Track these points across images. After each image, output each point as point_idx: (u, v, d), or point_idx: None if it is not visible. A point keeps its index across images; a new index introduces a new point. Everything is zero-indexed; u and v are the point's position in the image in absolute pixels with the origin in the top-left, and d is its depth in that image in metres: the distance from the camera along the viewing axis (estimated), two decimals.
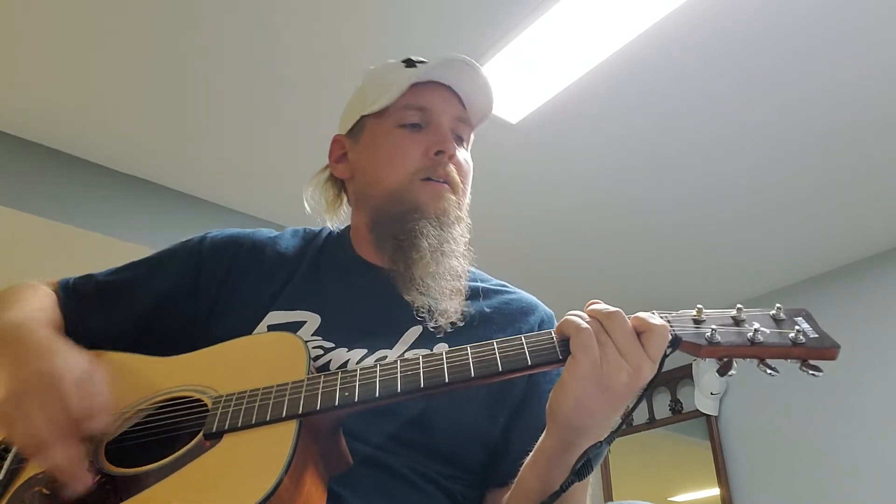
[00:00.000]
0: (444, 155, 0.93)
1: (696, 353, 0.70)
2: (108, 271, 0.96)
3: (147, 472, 0.66)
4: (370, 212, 0.95)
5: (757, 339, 0.69)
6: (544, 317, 0.97)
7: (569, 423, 0.69)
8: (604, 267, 3.28)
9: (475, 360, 0.69)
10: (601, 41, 2.08)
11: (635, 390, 0.67)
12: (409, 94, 0.94)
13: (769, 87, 2.23)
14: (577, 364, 0.66)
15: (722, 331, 0.69)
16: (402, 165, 0.93)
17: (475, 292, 0.95)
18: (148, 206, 2.73)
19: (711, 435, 3.44)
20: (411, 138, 0.94)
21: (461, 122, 0.98)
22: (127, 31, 2.08)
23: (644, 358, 0.67)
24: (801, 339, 0.69)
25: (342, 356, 0.83)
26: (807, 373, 0.69)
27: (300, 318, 0.87)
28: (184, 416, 0.73)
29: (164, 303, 0.91)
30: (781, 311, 0.72)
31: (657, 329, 0.68)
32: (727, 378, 0.73)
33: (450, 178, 0.94)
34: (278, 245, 0.97)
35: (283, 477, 0.61)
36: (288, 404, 0.68)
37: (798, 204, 2.79)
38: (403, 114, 0.95)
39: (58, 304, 0.90)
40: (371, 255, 0.96)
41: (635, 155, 2.56)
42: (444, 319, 0.87)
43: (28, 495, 0.68)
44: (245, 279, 0.92)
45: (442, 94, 0.97)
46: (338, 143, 1.03)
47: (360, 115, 0.98)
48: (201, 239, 0.97)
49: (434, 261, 0.89)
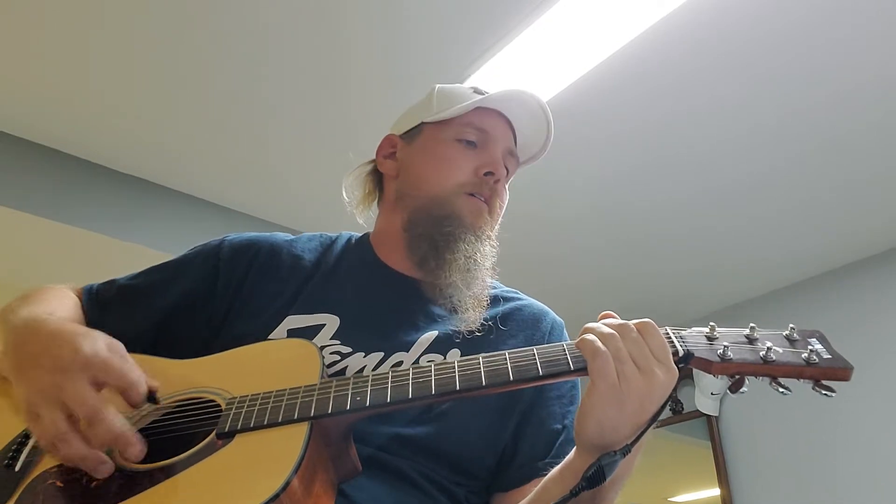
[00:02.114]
0: (492, 177, 0.97)
1: (708, 368, 0.70)
2: (130, 276, 0.98)
3: (159, 468, 0.67)
4: (410, 211, 0.97)
5: (770, 358, 0.69)
6: (554, 324, 0.98)
7: (595, 445, 0.69)
8: (604, 266, 3.28)
9: (486, 370, 0.70)
10: (601, 41, 2.08)
11: (655, 402, 0.68)
12: (472, 114, 0.99)
13: (770, 87, 2.23)
14: (595, 389, 0.67)
15: (734, 348, 0.70)
16: (451, 175, 0.96)
17: (490, 300, 0.96)
18: (148, 206, 2.73)
19: (712, 435, 3.44)
20: (466, 153, 0.98)
21: (511, 156, 1.03)
22: (127, 31, 2.08)
23: (654, 362, 0.67)
24: (815, 359, 0.69)
25: (358, 362, 0.85)
26: (819, 393, 0.69)
27: (319, 322, 0.89)
28: (198, 416, 0.74)
29: (183, 306, 0.93)
30: (795, 332, 0.73)
31: (648, 325, 0.70)
32: (738, 394, 0.73)
33: (491, 199, 0.98)
34: (295, 249, 0.99)
35: (293, 477, 0.62)
36: (300, 407, 0.69)
37: (798, 204, 2.79)
38: (463, 129, 0.98)
39: (78, 307, 0.92)
40: (394, 259, 0.98)
41: (635, 155, 2.56)
42: (465, 327, 0.89)
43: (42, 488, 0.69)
44: (262, 283, 0.94)
45: (502, 124, 1.01)
46: (389, 141, 1.06)
47: (422, 121, 1.02)
48: (219, 243, 0.99)
49: (466, 266, 0.91)
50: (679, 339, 0.72)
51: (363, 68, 2.21)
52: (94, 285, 0.97)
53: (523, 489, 0.83)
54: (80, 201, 2.58)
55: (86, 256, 2.70)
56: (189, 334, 0.92)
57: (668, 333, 0.73)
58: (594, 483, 0.66)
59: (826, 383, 0.69)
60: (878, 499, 2.81)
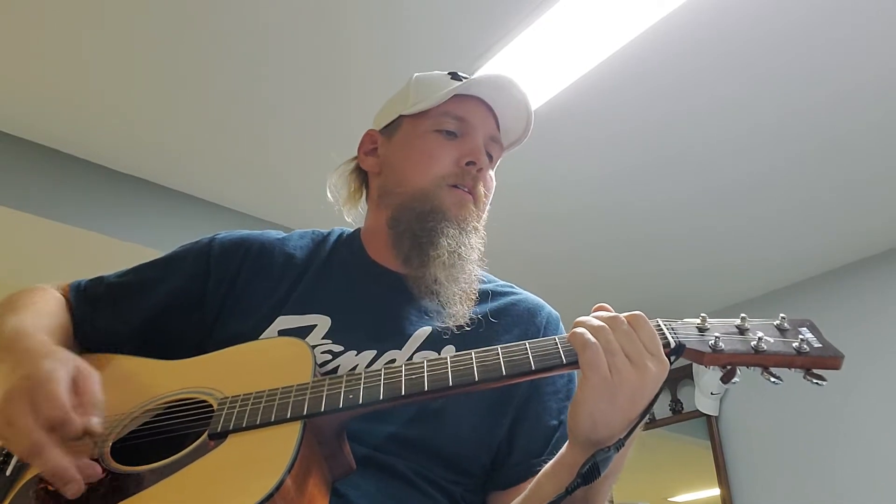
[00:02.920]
0: (473, 166, 0.95)
1: (700, 360, 0.70)
2: (119, 273, 0.97)
3: (150, 471, 0.67)
4: (393, 208, 0.96)
5: (761, 348, 0.69)
6: (550, 318, 0.97)
7: (588, 439, 0.69)
8: (603, 266, 3.28)
9: (479, 365, 0.70)
10: (601, 41, 2.08)
11: (647, 395, 0.67)
12: (450, 103, 0.96)
13: (769, 87, 2.23)
14: (587, 382, 0.67)
15: (726, 338, 0.70)
16: (431, 168, 0.94)
17: (483, 294, 0.96)
18: (148, 206, 2.73)
19: (711, 435, 3.44)
20: (445, 144, 0.96)
21: (493, 141, 1.01)
22: (127, 31, 2.08)
23: (645, 354, 0.67)
24: (805, 349, 0.69)
25: (350, 361, 0.84)
26: (810, 381, 0.70)
27: (310, 322, 0.88)
28: (189, 416, 0.73)
29: (173, 305, 0.92)
30: (786, 321, 0.73)
31: (638, 317, 0.69)
32: (730, 385, 0.73)
33: (475, 189, 0.96)
34: (287, 247, 0.98)
35: (286, 477, 0.61)
36: (293, 406, 0.69)
37: (798, 204, 2.79)
38: (442, 120, 0.96)
39: (67, 307, 0.92)
40: (383, 256, 0.97)
41: (635, 154, 2.56)
42: (453, 322, 0.88)
43: (33, 492, 0.69)
44: (254, 282, 0.93)
45: (481, 110, 0.99)
46: (369, 137, 1.05)
47: (399, 115, 1.00)
48: (210, 241, 0.98)
49: (451, 262, 0.90)
50: (670, 330, 0.72)
51: (363, 68, 2.21)
52: (83, 282, 0.96)
53: (520, 487, 0.82)
54: (79, 201, 2.58)
55: (85, 256, 2.69)
56: (179, 333, 0.91)
57: (660, 325, 0.72)
58: (589, 479, 0.66)
59: (817, 372, 0.69)
60: (877, 498, 2.81)
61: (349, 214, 1.05)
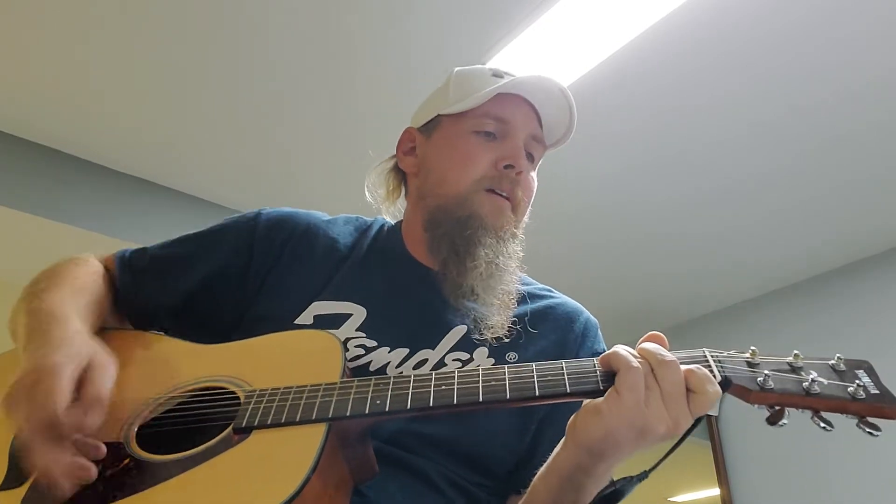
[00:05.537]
0: (512, 170, 0.93)
1: (746, 397, 0.66)
2: (160, 244, 0.97)
3: (174, 461, 0.67)
4: (430, 211, 0.94)
5: (813, 390, 0.64)
6: (588, 324, 0.96)
7: (590, 448, 0.67)
8: (603, 265, 3.28)
9: (511, 383, 0.68)
10: (603, 40, 2.08)
11: (668, 439, 0.66)
12: (491, 103, 0.94)
13: (770, 87, 2.23)
14: (620, 401, 0.64)
15: (776, 377, 0.65)
16: (468, 171, 0.92)
17: (520, 298, 0.94)
18: (148, 206, 2.73)
19: (712, 435, 3.43)
20: (484, 146, 0.93)
21: (535, 141, 0.99)
22: (127, 31, 2.08)
23: (686, 414, 0.65)
24: (861, 395, 0.64)
25: (383, 357, 0.83)
26: (863, 430, 0.64)
27: (346, 311, 0.87)
28: (216, 406, 0.73)
29: (215, 279, 0.92)
30: (842, 362, 0.68)
31: (710, 395, 0.65)
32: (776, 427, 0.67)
33: (513, 193, 0.94)
34: (331, 231, 0.97)
35: (308, 480, 0.61)
36: (319, 407, 0.68)
37: (798, 204, 2.79)
38: (481, 121, 0.94)
39: (105, 279, 0.92)
40: (421, 253, 0.96)
41: (635, 153, 2.56)
42: (491, 334, 0.86)
43: None
44: (296, 262, 0.92)
45: (523, 110, 0.97)
46: (408, 136, 1.03)
47: (438, 114, 0.98)
48: (256, 216, 0.98)
49: (488, 272, 0.88)
50: (717, 363, 0.68)
51: (366, 68, 2.21)
52: (127, 252, 0.96)
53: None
54: (79, 201, 2.58)
55: None
56: (217, 307, 0.91)
57: (706, 356, 0.69)
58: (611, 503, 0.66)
59: (871, 421, 0.64)
60: (877, 498, 2.81)
61: (387, 213, 1.03)
